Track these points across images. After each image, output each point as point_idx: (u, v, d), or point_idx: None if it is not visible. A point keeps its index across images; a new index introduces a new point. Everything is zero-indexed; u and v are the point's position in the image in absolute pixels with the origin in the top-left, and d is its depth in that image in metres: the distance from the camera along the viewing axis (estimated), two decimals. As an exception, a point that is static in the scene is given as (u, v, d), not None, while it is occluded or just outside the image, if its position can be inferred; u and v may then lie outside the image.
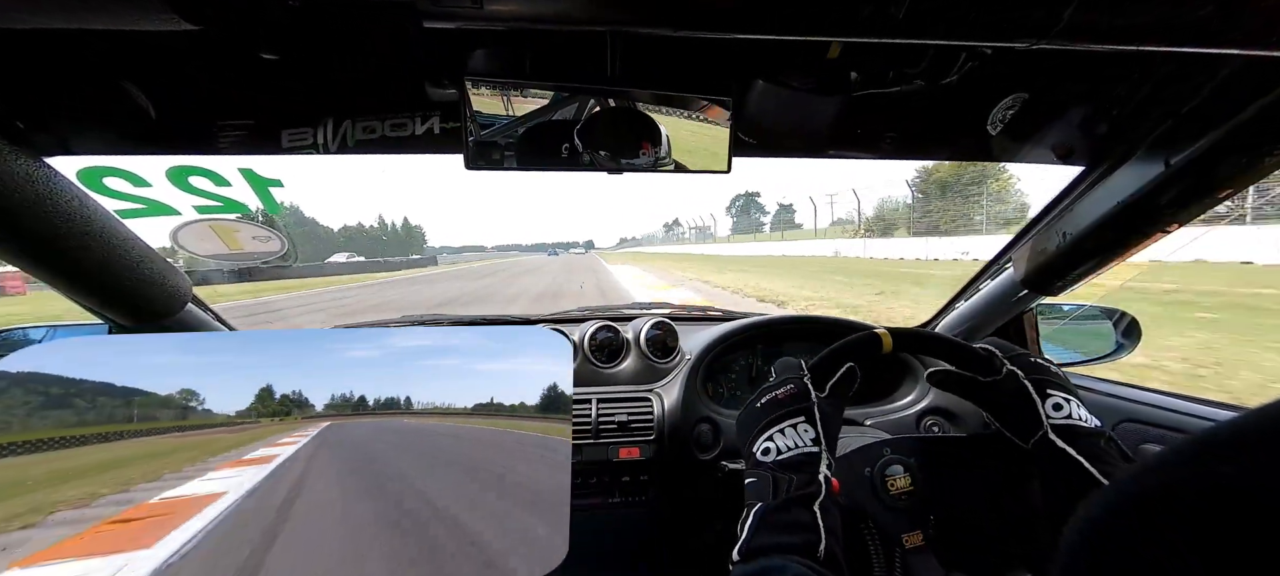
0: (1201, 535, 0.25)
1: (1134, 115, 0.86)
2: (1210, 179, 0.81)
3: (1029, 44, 0.57)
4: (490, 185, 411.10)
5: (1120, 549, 0.29)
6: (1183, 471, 0.29)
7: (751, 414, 0.75)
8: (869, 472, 0.84)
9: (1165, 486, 0.29)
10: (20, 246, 0.80)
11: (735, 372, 1.48)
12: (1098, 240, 1.00)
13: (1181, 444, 0.29)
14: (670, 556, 1.36)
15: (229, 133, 0.83)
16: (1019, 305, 1.29)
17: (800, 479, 0.65)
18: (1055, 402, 0.73)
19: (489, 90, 0.76)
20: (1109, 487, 0.32)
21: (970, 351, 0.81)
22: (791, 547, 0.59)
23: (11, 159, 0.71)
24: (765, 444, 0.70)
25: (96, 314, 1.01)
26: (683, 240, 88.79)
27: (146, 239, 0.95)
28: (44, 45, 0.68)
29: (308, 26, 0.64)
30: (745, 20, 0.58)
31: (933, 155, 1.05)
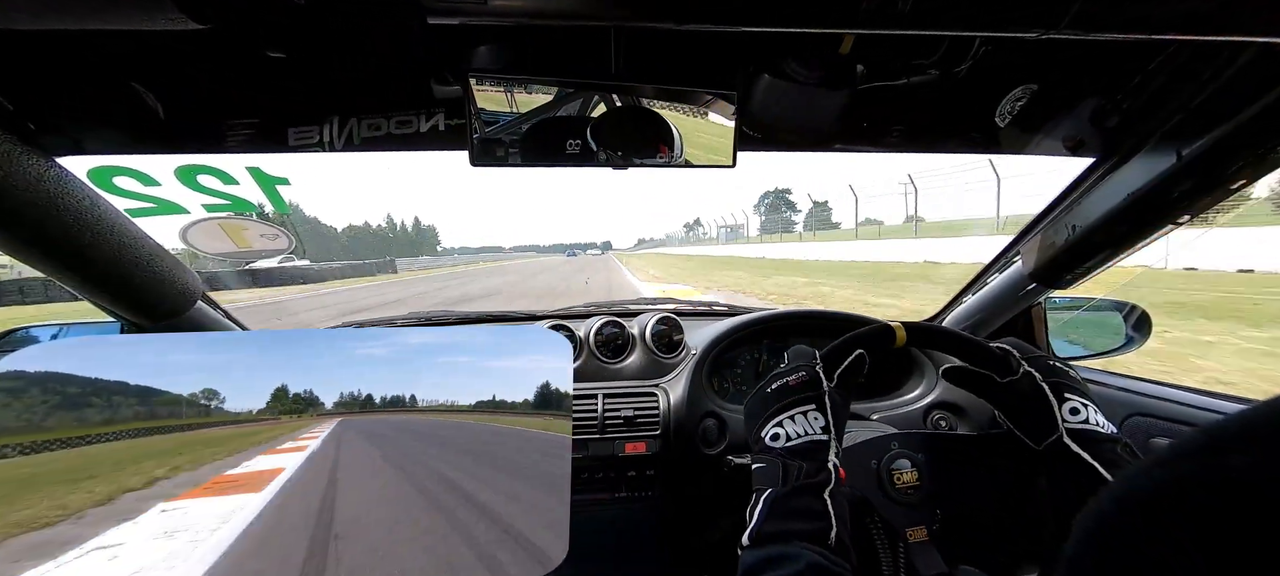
0: (1211, 529, 0.25)
1: (1145, 107, 0.85)
2: (1224, 171, 0.80)
3: (1038, 35, 0.56)
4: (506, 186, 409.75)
5: (1128, 543, 0.29)
6: (1191, 465, 0.28)
7: (761, 399, 0.75)
8: (875, 465, 0.84)
9: (1174, 480, 0.29)
10: (33, 245, 0.81)
11: (741, 367, 1.48)
12: (1108, 233, 0.99)
13: (1190, 437, 0.29)
14: (677, 551, 1.36)
15: (236, 131, 0.84)
16: (1027, 299, 1.28)
17: (810, 466, 0.65)
18: (1072, 407, 0.72)
19: (493, 86, 0.76)
20: (1117, 482, 0.32)
21: (987, 350, 0.81)
22: (803, 534, 0.60)
23: (23, 159, 0.72)
24: (774, 430, 0.70)
25: (109, 312, 1.02)
26: (704, 240, 77.71)
27: (157, 238, 0.96)
28: (54, 46, 0.69)
29: (314, 25, 0.64)
30: (749, 13, 0.58)
31: (940, 149, 1.04)
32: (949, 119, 0.96)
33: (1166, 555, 0.26)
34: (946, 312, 1.49)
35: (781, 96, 0.82)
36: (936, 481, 0.83)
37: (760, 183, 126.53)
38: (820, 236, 32.59)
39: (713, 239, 73.12)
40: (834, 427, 0.69)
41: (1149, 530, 0.28)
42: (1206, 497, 0.26)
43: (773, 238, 44.55)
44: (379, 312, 7.23)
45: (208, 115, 0.82)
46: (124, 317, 1.04)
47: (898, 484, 0.82)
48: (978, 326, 1.38)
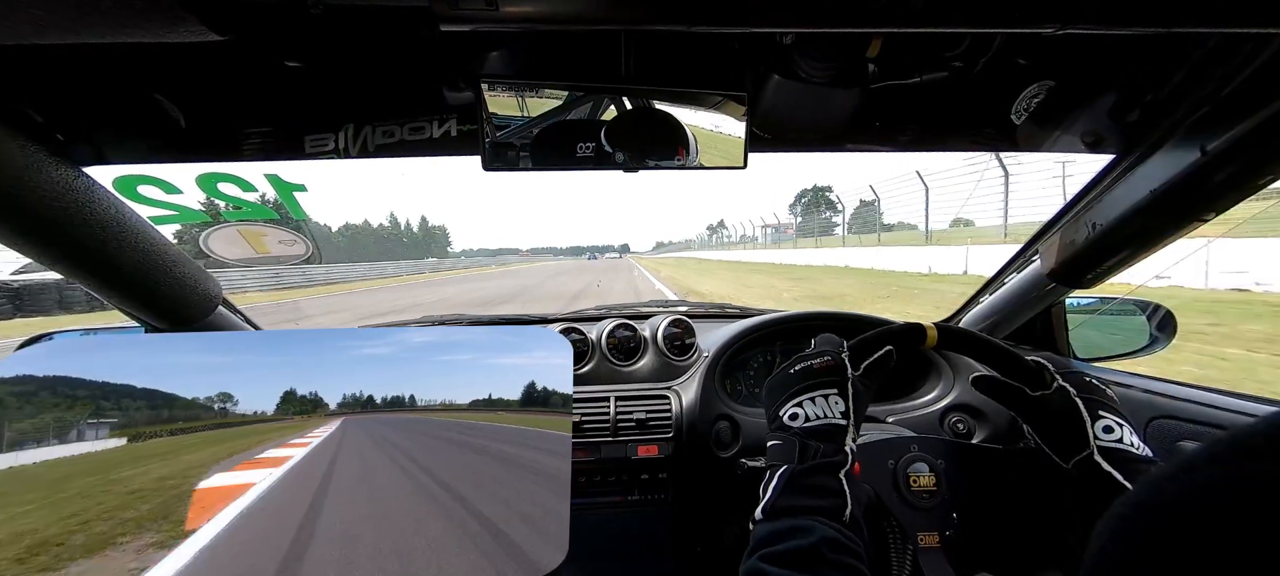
0: (1239, 539, 0.24)
1: (1168, 100, 0.83)
2: (1251, 165, 0.78)
3: (1055, 30, 0.55)
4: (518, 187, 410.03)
5: (1151, 552, 0.28)
6: (1219, 471, 0.27)
7: (784, 378, 0.75)
8: (892, 466, 0.83)
9: (1200, 487, 0.28)
10: (62, 253, 0.83)
11: (753, 370, 1.47)
12: (1130, 231, 0.97)
13: (1217, 441, 0.28)
14: (690, 555, 1.35)
15: (254, 139, 0.86)
16: (1046, 299, 1.26)
17: (828, 447, 0.65)
18: (1106, 425, 0.71)
19: (504, 91, 0.77)
20: (1140, 487, 0.31)
21: (1021, 361, 0.79)
22: (819, 509, 0.60)
23: (52, 169, 0.74)
24: (794, 409, 0.70)
25: (134, 317, 1.05)
26: (729, 244, 65.50)
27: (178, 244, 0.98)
28: (81, 60, 0.71)
29: (329, 34, 0.65)
30: (760, 14, 0.57)
31: (955, 147, 1.02)
32: (963, 116, 0.95)
33: (1191, 565, 0.25)
34: (963, 313, 1.47)
35: (792, 97, 0.81)
36: (954, 488, 0.82)
37: (795, 181, 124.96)
38: (884, 239, 23.85)
39: (735, 242, 64.11)
40: (853, 415, 0.69)
41: (1173, 538, 0.27)
42: (1235, 505, 0.25)
43: (806, 242, 35.66)
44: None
45: (227, 124, 0.84)
46: (148, 322, 1.06)
47: (913, 487, 0.81)
48: (996, 327, 1.36)
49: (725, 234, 79.92)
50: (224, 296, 1.16)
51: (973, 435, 1.27)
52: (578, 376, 1.38)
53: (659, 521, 1.32)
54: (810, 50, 0.76)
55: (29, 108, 0.72)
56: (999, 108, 0.90)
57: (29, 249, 0.80)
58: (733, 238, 64.04)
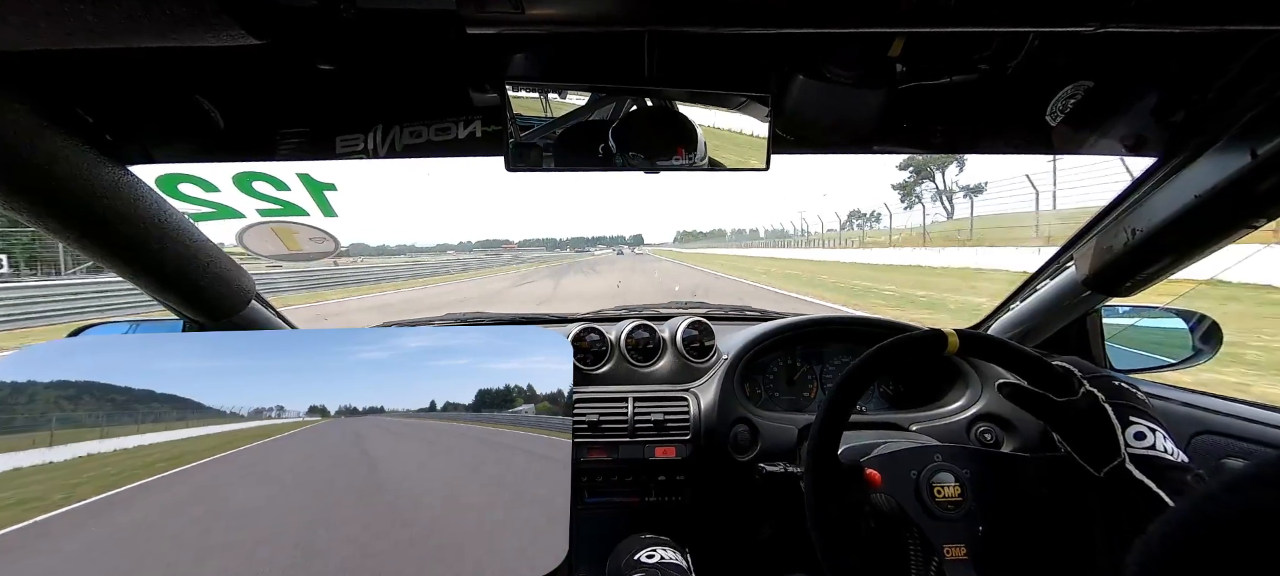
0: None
1: (1217, 102, 0.79)
2: None
3: (1095, 28, 0.53)
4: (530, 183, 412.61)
5: (1195, 573, 0.27)
6: (1272, 493, 0.26)
7: None
8: (915, 476, 0.81)
9: (1250, 509, 0.26)
10: (109, 248, 0.87)
11: (773, 374, 1.45)
12: (1172, 237, 0.92)
13: (1267, 460, 0.27)
14: (707, 557, 1.35)
15: (288, 140, 0.89)
16: (1081, 306, 1.21)
17: None
18: (1138, 431, 0.68)
19: (529, 93, 0.77)
20: (1184, 505, 0.30)
21: (1045, 366, 0.77)
22: None
23: (101, 167, 0.78)
24: None
25: (174, 310, 1.09)
26: (788, 241, 48.11)
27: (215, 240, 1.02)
28: (128, 63, 0.74)
29: (360, 37, 0.67)
30: (785, 14, 0.57)
31: (986, 149, 0.99)
32: (995, 118, 0.92)
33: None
34: (994, 319, 1.43)
35: (817, 98, 0.80)
36: (981, 499, 0.80)
37: (791, 184, 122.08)
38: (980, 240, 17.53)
39: (796, 239, 45.35)
40: None
41: (1219, 561, 0.26)
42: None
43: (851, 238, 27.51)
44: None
45: (263, 125, 0.87)
46: (186, 315, 1.10)
47: (938, 497, 0.79)
48: (1027, 335, 1.32)
49: (786, 232, 53.70)
50: (258, 292, 1.20)
51: (1001, 445, 1.24)
52: (596, 376, 1.38)
53: (675, 523, 1.31)
54: (836, 51, 0.75)
55: (81, 109, 0.76)
56: (1034, 109, 0.87)
57: (83, 244, 0.83)
58: (794, 234, 45.97)
